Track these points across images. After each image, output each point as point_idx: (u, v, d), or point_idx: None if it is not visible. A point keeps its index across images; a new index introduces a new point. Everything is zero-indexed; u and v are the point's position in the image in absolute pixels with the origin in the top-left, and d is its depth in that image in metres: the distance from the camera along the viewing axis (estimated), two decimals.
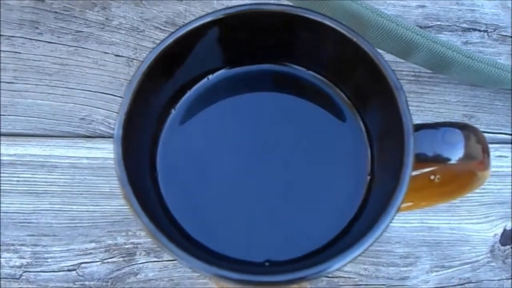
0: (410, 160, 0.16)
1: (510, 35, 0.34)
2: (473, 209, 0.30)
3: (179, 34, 0.17)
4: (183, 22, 0.34)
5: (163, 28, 0.33)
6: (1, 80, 0.31)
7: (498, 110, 0.32)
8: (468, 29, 0.34)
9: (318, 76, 0.19)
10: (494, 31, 0.34)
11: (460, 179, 0.21)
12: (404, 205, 0.21)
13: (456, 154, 0.18)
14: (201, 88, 0.20)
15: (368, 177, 0.19)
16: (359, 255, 0.16)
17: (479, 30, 0.34)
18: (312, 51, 0.18)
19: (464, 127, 0.18)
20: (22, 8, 0.33)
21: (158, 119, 0.20)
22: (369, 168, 0.19)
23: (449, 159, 0.18)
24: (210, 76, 0.20)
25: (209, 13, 0.17)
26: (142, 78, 0.17)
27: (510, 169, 0.31)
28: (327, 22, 0.17)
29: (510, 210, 0.30)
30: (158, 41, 0.34)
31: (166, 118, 0.20)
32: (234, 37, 0.18)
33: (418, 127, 0.18)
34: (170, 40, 0.17)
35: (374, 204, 0.18)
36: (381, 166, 0.18)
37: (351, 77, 0.18)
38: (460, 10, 0.34)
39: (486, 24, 0.34)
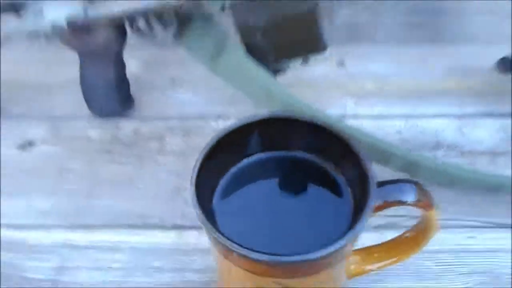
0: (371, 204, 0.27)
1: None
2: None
3: (229, 130, 0.29)
4: None
5: None
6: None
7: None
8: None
9: (320, 160, 0.31)
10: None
11: (419, 226, 0.30)
12: (389, 260, 0.31)
13: (410, 198, 0.28)
14: (240, 167, 0.31)
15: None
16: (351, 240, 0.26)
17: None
18: (319, 146, 0.30)
19: (415, 183, 0.28)
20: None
21: (211, 189, 0.30)
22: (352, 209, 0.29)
23: (406, 201, 0.28)
24: (245, 160, 0.31)
25: (250, 117, 0.30)
26: (202, 160, 0.28)
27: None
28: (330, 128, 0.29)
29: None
30: None
31: (216, 188, 0.30)
32: (264, 135, 0.30)
33: (385, 183, 0.28)
34: (222, 134, 0.29)
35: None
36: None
37: (345, 164, 0.30)
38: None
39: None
